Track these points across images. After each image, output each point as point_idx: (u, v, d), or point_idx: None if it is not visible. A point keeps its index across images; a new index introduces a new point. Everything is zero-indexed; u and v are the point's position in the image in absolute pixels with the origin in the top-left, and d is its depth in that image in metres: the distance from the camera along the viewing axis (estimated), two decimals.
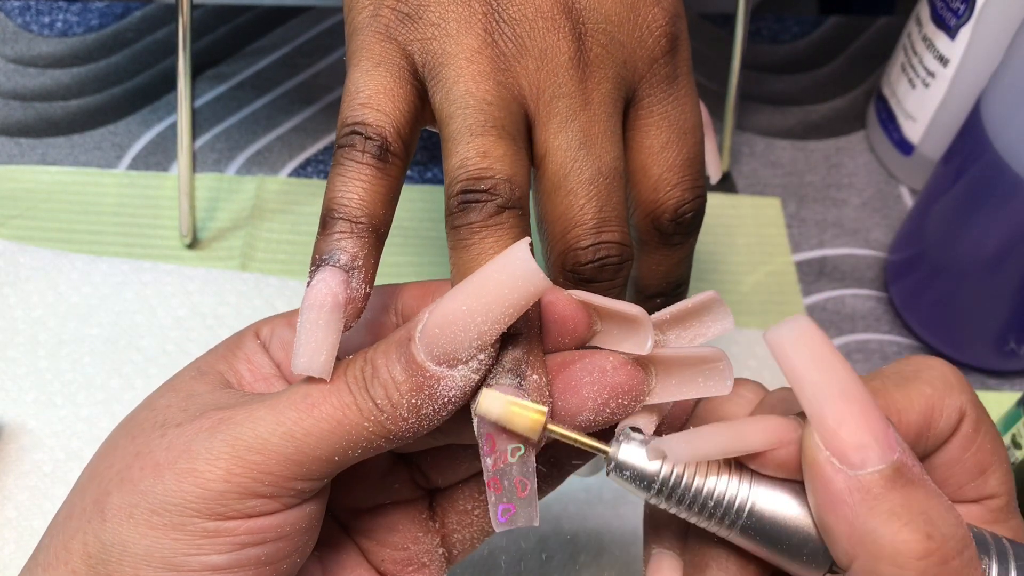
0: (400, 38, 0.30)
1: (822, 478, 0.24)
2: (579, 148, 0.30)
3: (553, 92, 0.31)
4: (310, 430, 0.27)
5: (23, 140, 0.57)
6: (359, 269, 0.28)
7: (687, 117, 0.33)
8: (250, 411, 0.27)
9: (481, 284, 0.26)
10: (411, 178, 0.56)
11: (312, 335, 0.27)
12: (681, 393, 0.28)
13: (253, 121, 0.59)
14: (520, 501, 0.27)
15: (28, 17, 0.62)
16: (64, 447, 0.44)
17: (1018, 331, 0.48)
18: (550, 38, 0.31)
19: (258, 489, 0.27)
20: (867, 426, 0.24)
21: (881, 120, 0.59)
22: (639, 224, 0.33)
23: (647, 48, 0.32)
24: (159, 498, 0.27)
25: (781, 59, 0.65)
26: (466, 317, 0.26)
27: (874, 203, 0.58)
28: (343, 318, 0.28)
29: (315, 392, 0.27)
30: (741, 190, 0.58)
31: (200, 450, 0.27)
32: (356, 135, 0.29)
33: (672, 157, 0.33)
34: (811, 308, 0.53)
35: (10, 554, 0.41)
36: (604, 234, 0.30)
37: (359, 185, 0.29)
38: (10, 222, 0.52)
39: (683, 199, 0.33)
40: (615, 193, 0.31)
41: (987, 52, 0.50)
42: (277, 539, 0.28)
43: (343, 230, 0.28)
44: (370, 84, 0.30)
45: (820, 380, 0.25)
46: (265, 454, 0.26)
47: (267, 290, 0.50)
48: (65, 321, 0.48)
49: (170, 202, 0.54)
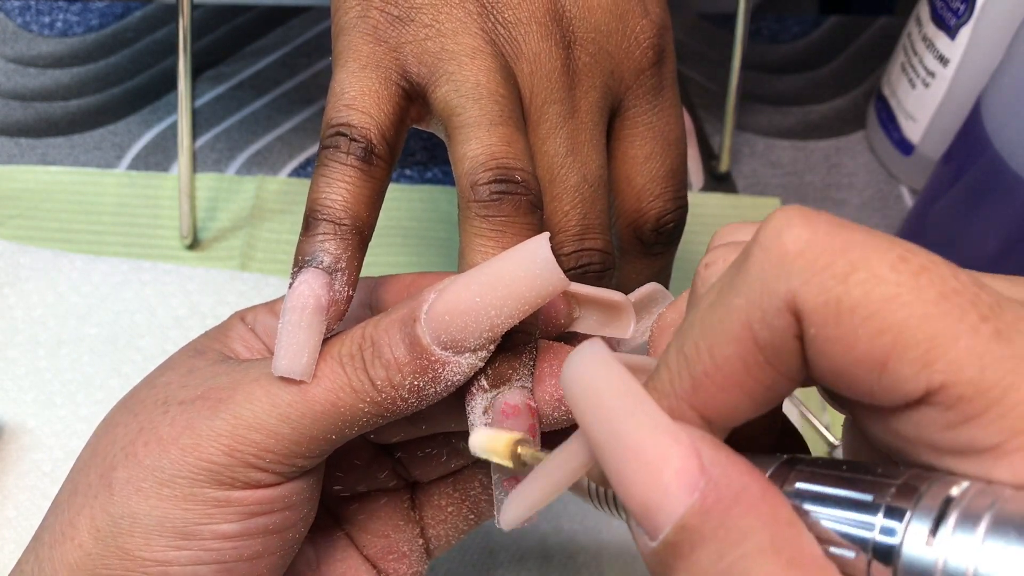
0: (390, 40, 0.30)
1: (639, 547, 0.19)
2: (566, 155, 0.31)
3: (544, 97, 0.31)
4: (305, 412, 0.27)
5: (23, 140, 0.57)
6: (342, 271, 0.28)
7: (671, 128, 0.34)
8: (248, 393, 0.27)
9: (497, 276, 0.26)
10: (411, 178, 0.56)
11: (294, 337, 0.27)
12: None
13: (253, 121, 0.59)
14: None
15: (28, 17, 0.62)
16: (64, 447, 0.44)
17: None
18: (543, 44, 0.31)
19: (260, 464, 0.27)
20: (650, 480, 0.18)
21: (881, 120, 0.59)
22: (621, 233, 0.34)
23: (634, 59, 0.32)
24: (166, 471, 0.27)
25: (781, 59, 0.65)
26: (479, 308, 0.26)
27: (874, 203, 0.58)
28: (325, 320, 0.27)
29: None
30: (741, 190, 0.58)
31: (202, 428, 0.27)
32: (341, 136, 0.29)
33: (655, 168, 0.33)
34: None
35: (10, 554, 0.41)
36: (587, 241, 0.30)
37: (342, 186, 0.28)
38: (10, 222, 0.52)
39: (665, 209, 0.33)
40: (599, 201, 0.31)
41: (987, 52, 0.50)
42: (284, 508, 0.28)
43: (326, 231, 0.28)
44: (356, 85, 0.29)
45: (600, 435, 0.19)
46: (264, 433, 0.27)
47: (267, 290, 0.50)
48: (65, 321, 0.48)
49: (170, 202, 0.54)
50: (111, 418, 0.30)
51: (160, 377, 0.30)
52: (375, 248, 0.54)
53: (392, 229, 0.54)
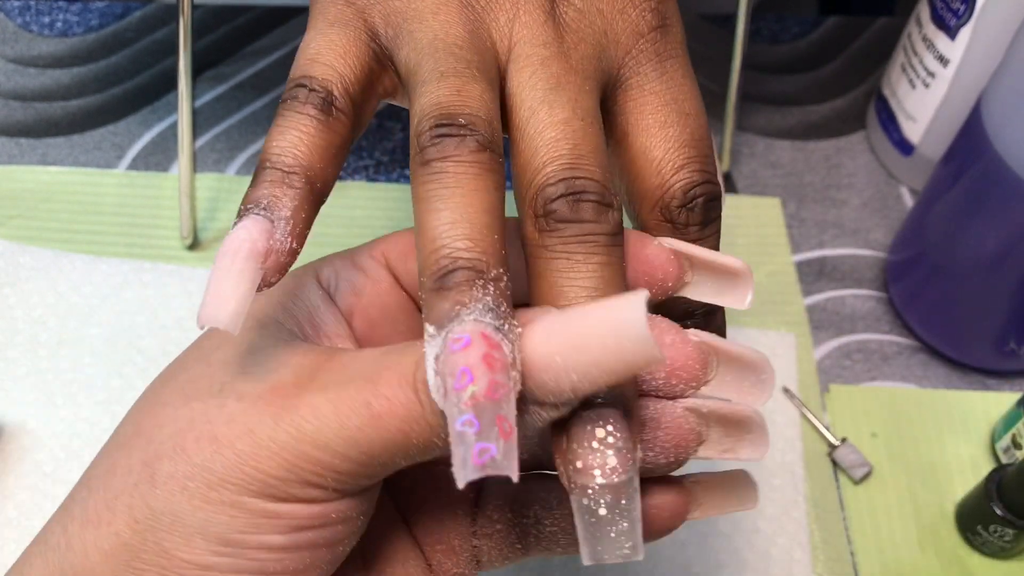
0: (359, 2, 0.29)
1: None
2: (552, 89, 0.27)
3: (526, 41, 0.28)
4: (375, 439, 0.25)
5: (23, 140, 0.57)
6: (286, 220, 0.25)
7: (686, 98, 0.29)
8: (314, 407, 0.25)
9: (582, 338, 0.23)
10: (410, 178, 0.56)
11: (222, 283, 0.24)
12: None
13: (253, 121, 0.59)
14: (502, 443, 0.22)
15: (28, 17, 0.62)
16: (64, 447, 0.44)
17: (1018, 331, 0.48)
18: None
19: (319, 482, 0.25)
20: None
21: (881, 120, 0.59)
22: (646, 220, 0.29)
23: (630, 20, 0.29)
24: (217, 474, 0.25)
25: (781, 59, 0.65)
26: (559, 369, 0.23)
27: (874, 203, 0.58)
28: (261, 268, 0.25)
29: (380, 399, 0.24)
30: (741, 190, 0.58)
31: (263, 436, 0.25)
32: (300, 88, 0.27)
33: (675, 135, 0.29)
34: (811, 308, 0.53)
35: (10, 553, 0.41)
36: (581, 170, 0.26)
37: (295, 135, 0.26)
38: (10, 222, 0.52)
39: (692, 180, 0.28)
40: (593, 136, 0.27)
41: (987, 52, 0.50)
42: (337, 523, 0.26)
43: (272, 179, 0.26)
44: (320, 41, 0.28)
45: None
46: (328, 452, 0.25)
47: None
48: (65, 321, 0.48)
49: (170, 202, 0.54)
50: (158, 393, 0.28)
51: (216, 352, 0.28)
52: None
53: (392, 229, 0.54)
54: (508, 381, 0.23)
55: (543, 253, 0.26)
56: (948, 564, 0.45)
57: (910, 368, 0.51)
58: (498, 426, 0.22)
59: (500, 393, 0.22)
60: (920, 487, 0.47)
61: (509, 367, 0.23)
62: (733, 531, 0.45)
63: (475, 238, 0.24)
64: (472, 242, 0.24)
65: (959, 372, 0.51)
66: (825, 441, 0.48)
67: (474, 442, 0.22)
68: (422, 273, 0.24)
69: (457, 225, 0.24)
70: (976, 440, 0.48)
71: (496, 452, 0.22)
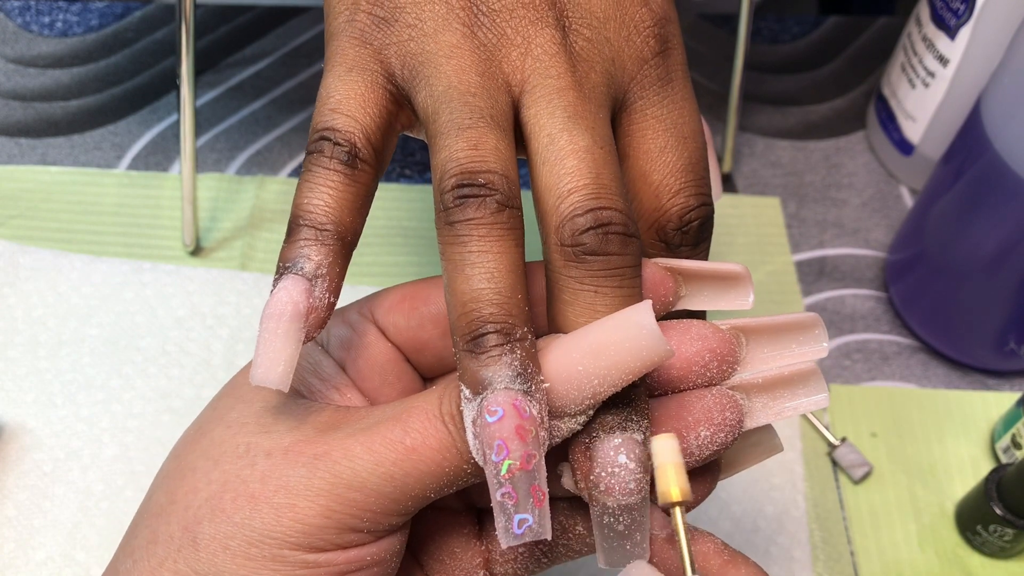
0: (375, 43, 0.30)
1: None
2: (570, 118, 0.28)
3: (540, 73, 0.29)
4: (409, 472, 0.26)
5: (23, 140, 0.57)
6: (323, 278, 0.27)
7: (685, 121, 0.31)
8: (346, 449, 0.27)
9: (600, 345, 0.26)
10: (411, 178, 0.56)
11: (271, 345, 0.26)
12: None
13: (253, 121, 0.59)
14: (537, 512, 0.25)
15: (28, 17, 0.62)
16: (64, 447, 0.44)
17: (1018, 331, 0.48)
18: (533, 29, 0.29)
19: (356, 524, 0.27)
20: None
21: (881, 120, 0.59)
22: (642, 238, 0.31)
23: (635, 47, 0.31)
24: (256, 531, 0.26)
25: (781, 59, 0.65)
26: (581, 377, 0.26)
27: (874, 203, 0.58)
28: (304, 328, 0.27)
29: (412, 433, 0.27)
30: (741, 190, 0.58)
31: (299, 487, 0.26)
32: (325, 141, 0.28)
33: (672, 160, 0.30)
34: (811, 308, 0.53)
35: (10, 553, 0.41)
36: (604, 199, 0.27)
37: (325, 192, 0.28)
38: (10, 222, 0.52)
39: (688, 205, 0.30)
40: (611, 164, 0.28)
41: (987, 52, 0.50)
42: (373, 565, 0.28)
43: (308, 237, 0.28)
44: (341, 89, 0.29)
45: None
46: (364, 492, 0.26)
47: (267, 290, 0.50)
48: (65, 321, 0.48)
49: (170, 202, 0.54)
50: (184, 458, 0.29)
51: (231, 412, 0.29)
52: (376, 248, 0.55)
53: (392, 229, 0.54)
54: (539, 449, 0.25)
55: (570, 283, 0.27)
56: (948, 564, 0.45)
57: (910, 368, 0.51)
58: (533, 496, 0.25)
59: (532, 463, 0.25)
60: (920, 487, 0.47)
61: (539, 429, 0.26)
62: (733, 530, 0.45)
63: (502, 302, 0.26)
64: (499, 306, 0.26)
65: (959, 372, 0.51)
66: (825, 441, 0.48)
67: (513, 513, 0.25)
68: (455, 333, 0.27)
69: (485, 290, 0.26)
70: (976, 440, 0.48)
71: (532, 522, 0.25)
